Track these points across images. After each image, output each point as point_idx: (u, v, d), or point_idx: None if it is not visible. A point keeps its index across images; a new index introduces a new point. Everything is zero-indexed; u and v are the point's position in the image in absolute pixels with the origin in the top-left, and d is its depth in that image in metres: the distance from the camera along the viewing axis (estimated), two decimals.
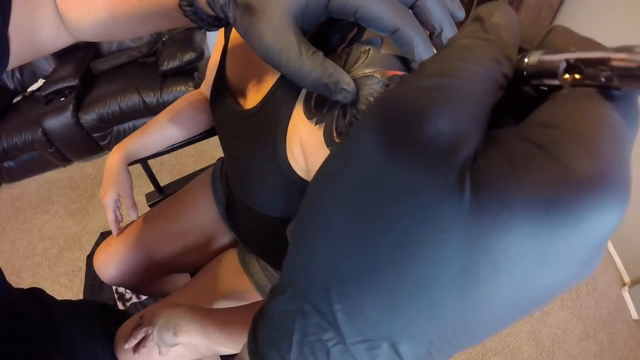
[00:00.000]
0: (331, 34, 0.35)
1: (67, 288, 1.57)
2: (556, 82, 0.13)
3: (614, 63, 0.11)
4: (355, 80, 0.29)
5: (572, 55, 0.12)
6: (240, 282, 0.69)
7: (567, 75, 0.12)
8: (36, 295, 0.53)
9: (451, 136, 0.11)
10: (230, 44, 0.52)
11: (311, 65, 0.27)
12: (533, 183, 0.10)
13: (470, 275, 0.11)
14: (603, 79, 0.12)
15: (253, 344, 0.15)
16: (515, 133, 0.11)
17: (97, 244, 1.52)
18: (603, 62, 0.11)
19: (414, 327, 0.12)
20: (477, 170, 0.11)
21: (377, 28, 0.26)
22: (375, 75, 0.29)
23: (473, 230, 0.10)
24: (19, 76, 2.04)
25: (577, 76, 0.12)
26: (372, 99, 0.28)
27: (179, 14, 0.34)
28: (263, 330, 0.15)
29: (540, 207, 0.10)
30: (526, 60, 0.13)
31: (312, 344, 0.13)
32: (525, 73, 0.14)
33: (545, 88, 0.14)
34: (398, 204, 0.11)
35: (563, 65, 0.12)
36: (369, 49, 0.31)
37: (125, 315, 0.65)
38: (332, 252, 0.12)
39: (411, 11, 0.27)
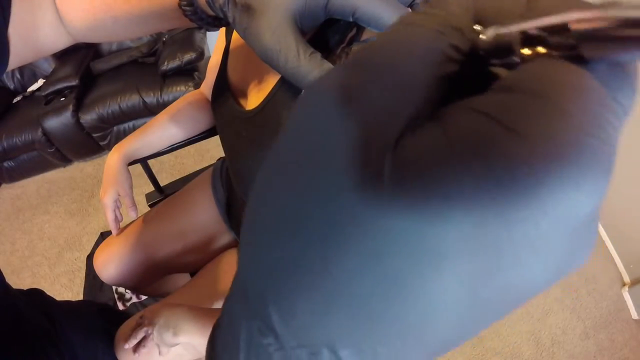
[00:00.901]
0: (330, 34, 0.35)
1: (67, 288, 1.57)
2: (517, 60, 0.11)
3: (574, 26, 0.09)
4: None
5: (528, 25, 0.10)
6: None
7: (526, 50, 0.10)
8: (36, 296, 0.53)
9: (387, 106, 0.10)
10: (232, 45, 0.52)
11: (309, 66, 0.27)
12: (474, 159, 0.08)
13: (397, 275, 0.09)
14: (571, 48, 0.10)
15: (210, 346, 0.15)
16: (462, 104, 0.10)
17: (97, 244, 1.52)
18: (563, 27, 0.09)
19: (350, 333, 0.10)
20: (402, 151, 0.09)
21: (376, 27, 0.26)
22: None
23: (397, 223, 0.09)
24: (19, 76, 2.04)
25: (540, 50, 0.10)
26: None
27: (179, 14, 0.34)
28: (219, 333, 0.14)
29: (484, 190, 0.08)
30: (481, 36, 0.12)
31: (256, 348, 0.12)
32: (481, 52, 0.12)
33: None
34: (313, 196, 0.10)
35: (518, 37, 0.10)
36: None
37: (125, 315, 0.65)
38: (266, 250, 0.11)
39: (410, 10, 0.27)
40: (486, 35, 0.11)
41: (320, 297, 0.10)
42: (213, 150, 1.95)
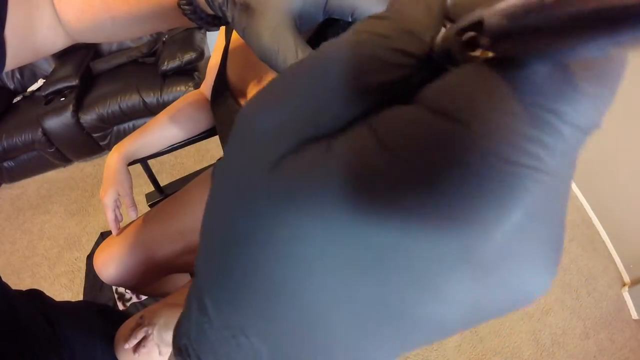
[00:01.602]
0: (330, 34, 0.35)
1: (67, 288, 1.57)
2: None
3: (488, 21, 0.08)
4: None
5: (461, 23, 0.09)
6: None
7: (475, 52, 0.09)
8: (34, 296, 0.53)
9: (275, 131, 0.10)
10: (231, 45, 0.52)
11: None
12: (346, 184, 0.09)
13: (275, 278, 0.10)
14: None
15: (177, 323, 0.16)
16: (368, 120, 0.10)
17: (97, 244, 1.52)
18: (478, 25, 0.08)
19: (256, 324, 0.12)
20: (279, 171, 0.10)
21: None
22: None
23: (276, 233, 0.10)
24: (19, 76, 2.04)
25: (475, 53, 0.09)
26: None
27: (178, 13, 0.34)
28: (182, 316, 0.16)
29: (340, 195, 0.09)
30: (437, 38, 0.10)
31: (197, 324, 0.14)
32: (434, 56, 0.10)
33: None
34: (232, 210, 0.11)
35: (456, 39, 0.09)
36: None
37: (125, 315, 0.65)
38: (204, 247, 0.13)
39: None
40: (439, 36, 0.10)
41: (233, 292, 0.12)
42: (213, 150, 1.95)
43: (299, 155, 0.10)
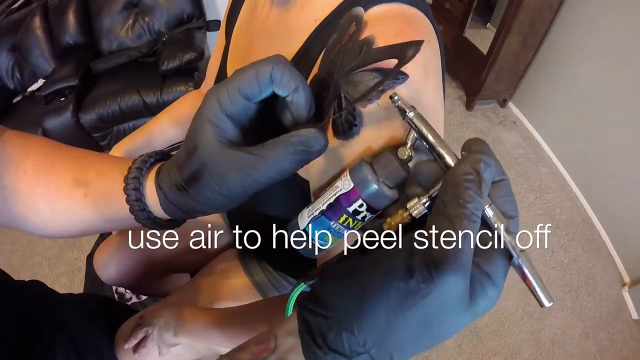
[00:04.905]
0: (329, 33, 0.35)
1: (67, 288, 1.57)
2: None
3: None
4: (352, 77, 0.29)
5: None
6: (240, 282, 0.69)
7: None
8: (36, 287, 0.53)
9: None
10: (231, 45, 0.52)
11: (272, 153, 0.24)
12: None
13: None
14: None
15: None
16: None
17: (97, 244, 1.52)
18: None
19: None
20: None
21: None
22: (371, 71, 0.29)
23: None
24: (19, 76, 2.04)
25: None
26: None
27: (125, 217, 0.30)
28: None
29: None
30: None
31: None
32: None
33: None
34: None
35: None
36: (364, 45, 0.31)
37: (126, 307, 0.65)
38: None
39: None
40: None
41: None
42: None
43: None
